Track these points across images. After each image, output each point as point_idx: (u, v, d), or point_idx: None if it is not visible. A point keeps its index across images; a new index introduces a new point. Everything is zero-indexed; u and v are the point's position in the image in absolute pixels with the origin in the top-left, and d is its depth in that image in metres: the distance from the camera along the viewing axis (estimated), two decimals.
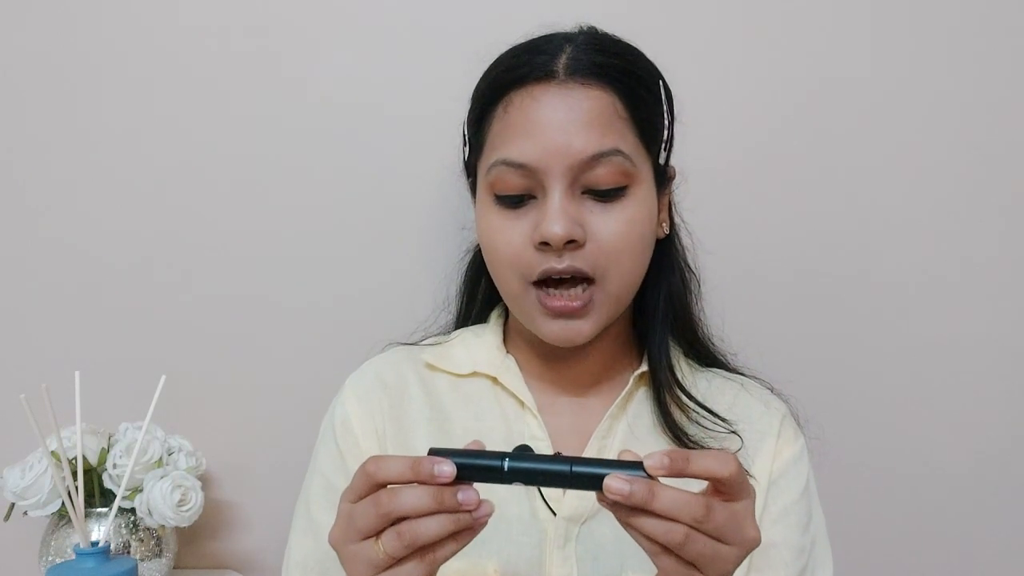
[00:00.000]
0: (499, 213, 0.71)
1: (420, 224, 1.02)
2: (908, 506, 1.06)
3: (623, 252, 0.69)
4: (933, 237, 1.05)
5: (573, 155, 0.67)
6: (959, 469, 1.06)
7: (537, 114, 0.68)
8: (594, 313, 0.70)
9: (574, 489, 0.53)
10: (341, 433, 0.75)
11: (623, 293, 0.71)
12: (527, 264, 0.69)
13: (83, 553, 0.75)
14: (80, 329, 1.02)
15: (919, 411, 1.06)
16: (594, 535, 0.71)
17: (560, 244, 0.67)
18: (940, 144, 1.04)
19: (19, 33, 1.00)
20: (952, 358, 1.05)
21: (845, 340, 1.05)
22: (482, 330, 0.82)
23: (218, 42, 1.01)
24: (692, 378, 0.79)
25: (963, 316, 1.05)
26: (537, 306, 0.70)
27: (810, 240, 1.05)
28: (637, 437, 0.74)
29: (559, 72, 0.68)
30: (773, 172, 1.04)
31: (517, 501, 0.71)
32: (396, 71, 1.02)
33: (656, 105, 0.72)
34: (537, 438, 0.74)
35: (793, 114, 1.03)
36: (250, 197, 1.02)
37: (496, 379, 0.77)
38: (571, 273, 0.68)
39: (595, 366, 0.77)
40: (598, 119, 0.67)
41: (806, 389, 0.82)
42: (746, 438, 0.74)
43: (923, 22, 1.03)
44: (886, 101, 1.04)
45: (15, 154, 1.01)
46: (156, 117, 1.01)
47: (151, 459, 0.91)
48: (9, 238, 1.02)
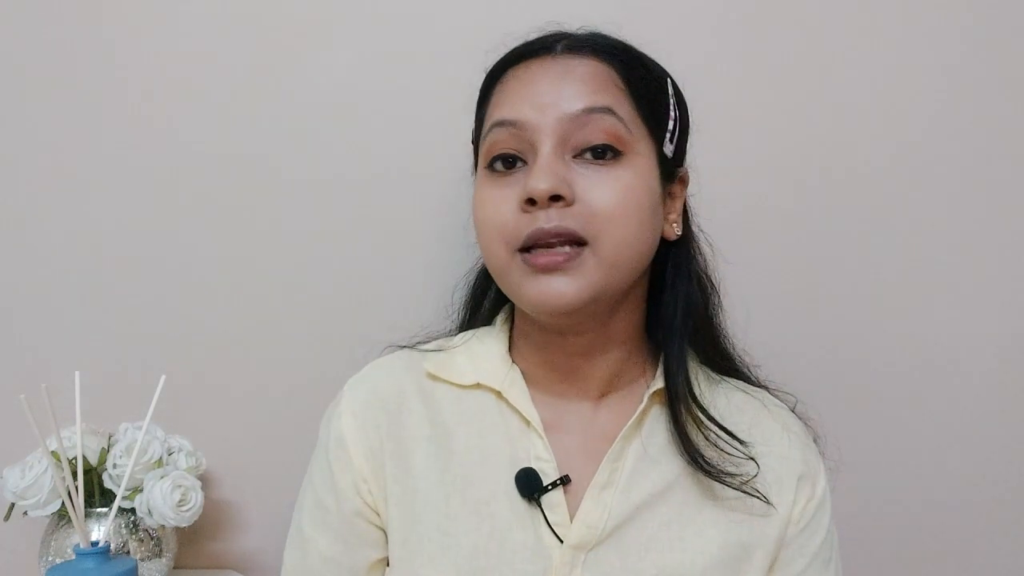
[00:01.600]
0: (490, 184, 0.69)
1: (425, 226, 1.02)
2: (932, 529, 1.06)
3: (615, 217, 0.65)
4: (944, 241, 1.05)
5: (562, 108, 0.66)
6: (954, 467, 1.06)
7: (530, 78, 0.69)
8: (580, 274, 0.65)
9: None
10: (334, 449, 0.73)
11: (618, 261, 0.66)
12: (514, 229, 0.66)
13: (83, 553, 0.75)
14: (80, 329, 1.02)
15: (942, 424, 1.05)
16: (601, 563, 0.68)
17: (545, 199, 0.64)
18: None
19: (18, 32, 1.00)
20: (940, 354, 1.05)
21: (864, 350, 1.05)
22: (486, 335, 0.79)
23: (223, 44, 1.01)
24: (710, 393, 0.75)
25: (975, 319, 1.05)
26: (521, 267, 0.66)
27: (830, 248, 1.04)
28: (650, 457, 0.72)
29: (557, 49, 0.70)
30: (791, 178, 1.04)
31: (523, 528, 0.69)
32: (402, 73, 1.02)
33: (659, 89, 0.71)
34: (543, 459, 0.71)
35: (812, 121, 1.03)
36: (252, 198, 1.02)
37: (500, 394, 0.74)
38: (560, 233, 0.65)
39: (605, 375, 0.74)
40: (592, 80, 0.67)
41: (826, 402, 0.81)
42: (766, 462, 0.72)
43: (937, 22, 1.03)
44: (875, 98, 1.04)
45: (14, 154, 1.01)
46: (156, 118, 1.01)
47: (151, 459, 0.91)
48: (9, 238, 1.02)
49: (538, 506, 0.69)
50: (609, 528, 0.69)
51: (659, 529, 0.70)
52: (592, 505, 0.70)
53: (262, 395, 1.03)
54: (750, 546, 0.71)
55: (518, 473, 0.70)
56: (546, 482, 0.69)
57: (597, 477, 0.70)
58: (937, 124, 1.04)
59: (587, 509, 0.69)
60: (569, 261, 0.65)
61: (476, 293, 0.86)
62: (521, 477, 0.70)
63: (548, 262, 0.65)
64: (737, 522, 0.71)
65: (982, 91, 1.04)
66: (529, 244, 0.66)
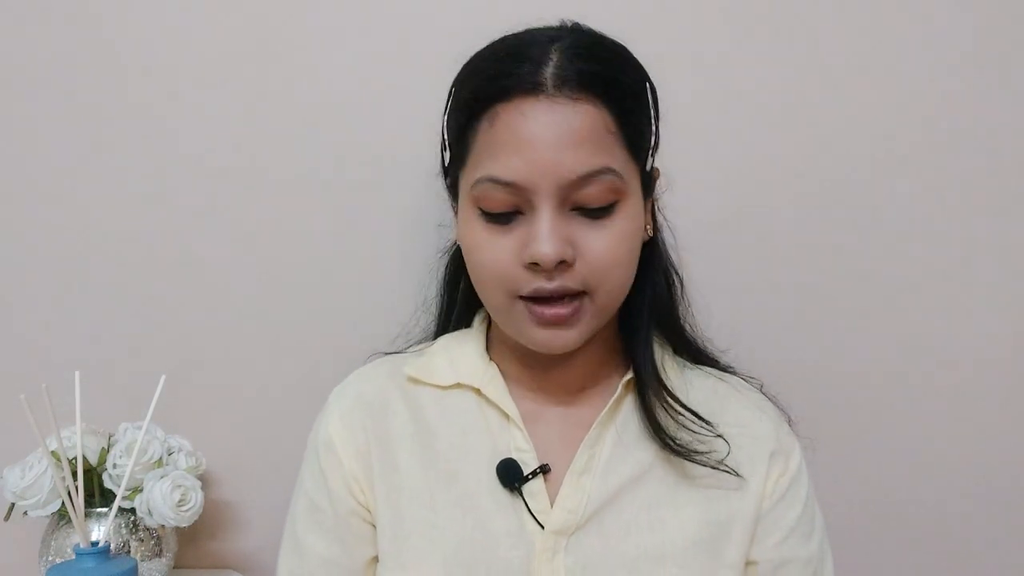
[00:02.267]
0: (485, 228, 0.68)
1: (398, 223, 1.02)
2: (901, 505, 1.06)
3: (613, 268, 0.68)
4: (922, 235, 1.05)
5: (563, 175, 0.65)
6: (953, 469, 1.06)
7: (526, 131, 0.65)
8: (582, 322, 0.69)
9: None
10: (324, 453, 0.76)
11: (612, 304, 0.71)
12: (514, 281, 0.68)
13: (83, 553, 0.75)
14: (80, 329, 1.02)
15: (907, 409, 1.06)
16: (583, 547, 0.70)
17: (551, 266, 0.65)
18: (927, 142, 1.04)
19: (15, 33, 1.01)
20: (940, 357, 1.05)
21: (835, 338, 1.05)
22: (465, 337, 0.81)
23: (204, 45, 1.01)
24: (681, 379, 0.78)
25: (948, 314, 1.05)
26: (525, 315, 0.69)
27: (798, 238, 1.04)
28: (626, 444, 0.74)
29: (547, 85, 0.65)
30: (760, 171, 1.03)
31: (505, 517, 0.71)
32: (368, 70, 1.01)
33: (644, 113, 0.71)
34: (523, 450, 0.73)
35: (782, 112, 1.03)
36: (254, 199, 1.02)
37: (479, 391, 0.76)
38: (561, 293, 0.67)
39: (582, 372, 0.76)
40: (589, 137, 0.65)
41: (796, 387, 0.81)
42: (740, 442, 0.74)
43: (916, 20, 1.03)
44: (873, 100, 1.03)
45: (14, 154, 1.01)
46: (154, 120, 1.01)
47: (151, 459, 0.91)
48: (9, 238, 1.02)
49: (519, 495, 0.71)
50: (589, 512, 0.71)
51: (638, 512, 0.72)
52: (571, 490, 0.72)
53: (262, 395, 1.03)
54: (728, 523, 0.72)
55: (498, 464, 0.73)
56: (526, 472, 0.72)
57: (575, 463, 0.73)
58: (931, 123, 1.04)
59: (566, 494, 0.72)
60: (574, 315, 0.68)
61: (449, 284, 0.87)
62: (501, 468, 0.72)
63: (554, 316, 0.68)
64: (714, 500, 0.73)
65: (978, 90, 1.04)
66: (532, 296, 0.68)
